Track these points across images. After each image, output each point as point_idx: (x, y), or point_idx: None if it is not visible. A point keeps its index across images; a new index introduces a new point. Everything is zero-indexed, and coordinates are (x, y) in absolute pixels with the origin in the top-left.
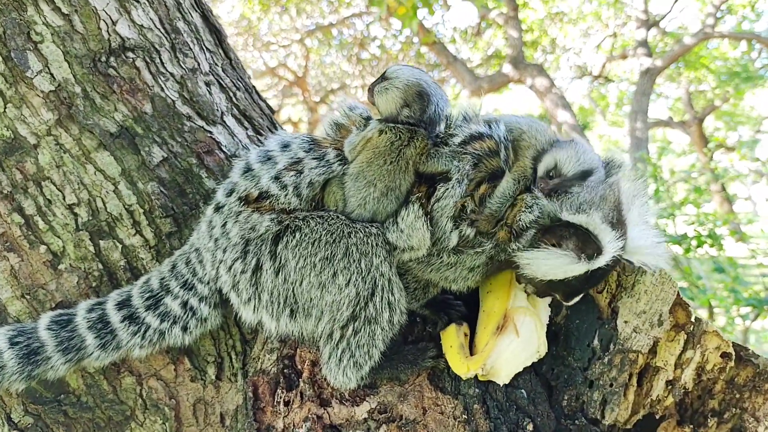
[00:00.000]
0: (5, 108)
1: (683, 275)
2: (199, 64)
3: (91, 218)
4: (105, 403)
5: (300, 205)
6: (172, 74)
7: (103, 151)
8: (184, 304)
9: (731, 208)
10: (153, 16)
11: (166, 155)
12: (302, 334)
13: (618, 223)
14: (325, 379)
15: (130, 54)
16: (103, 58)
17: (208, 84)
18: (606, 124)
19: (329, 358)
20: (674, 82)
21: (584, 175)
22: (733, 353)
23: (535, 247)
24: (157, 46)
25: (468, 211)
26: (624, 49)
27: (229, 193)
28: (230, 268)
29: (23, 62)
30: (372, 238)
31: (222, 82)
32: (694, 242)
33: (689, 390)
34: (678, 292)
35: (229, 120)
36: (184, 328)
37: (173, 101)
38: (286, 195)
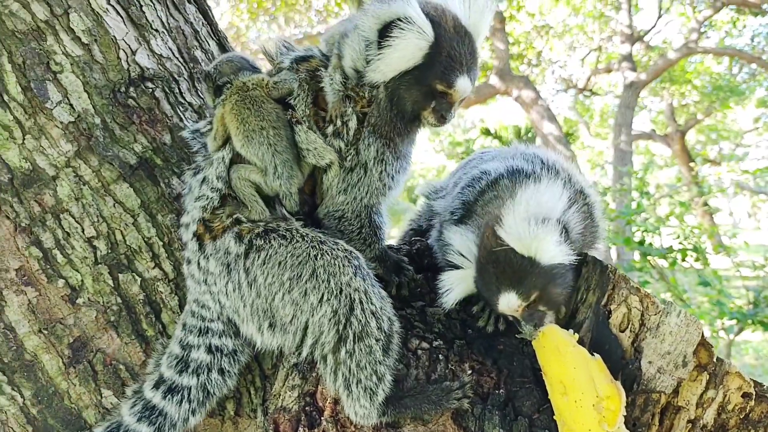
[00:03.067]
0: (24, 139)
1: (669, 288)
2: None
3: (110, 251)
4: None
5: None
6: (190, 104)
7: (123, 183)
8: (209, 349)
9: (712, 220)
10: (171, 45)
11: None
12: (283, 349)
13: None
14: (348, 418)
15: (149, 84)
16: (123, 89)
17: None
18: (590, 136)
19: (338, 391)
20: (658, 96)
21: None
22: (755, 393)
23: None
24: (176, 76)
25: (324, 116)
26: (609, 63)
27: (185, 245)
28: (227, 292)
29: (43, 93)
30: (339, 260)
31: None
32: (678, 255)
33: (709, 429)
34: (702, 333)
35: None
36: (221, 371)
37: None
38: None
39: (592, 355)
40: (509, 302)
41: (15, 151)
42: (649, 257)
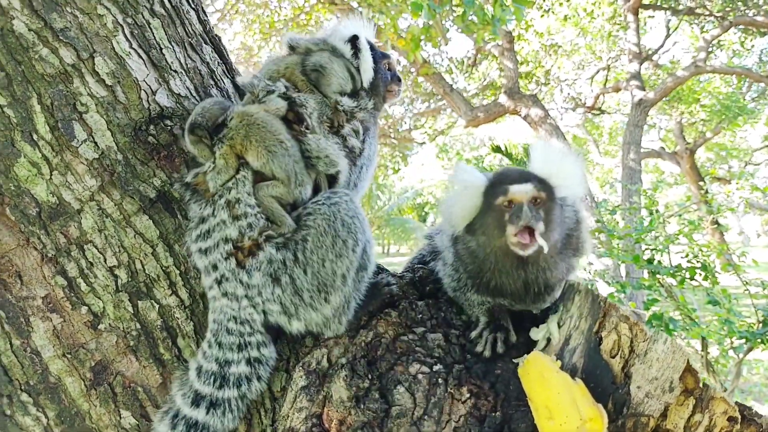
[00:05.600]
0: (51, 175)
1: (678, 306)
2: None
3: (130, 280)
4: None
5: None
6: None
7: (143, 215)
8: (248, 361)
9: (722, 238)
10: (189, 84)
11: None
12: (332, 312)
13: None
14: None
15: (168, 122)
16: (144, 127)
17: None
18: (599, 154)
19: (330, 323)
20: (666, 115)
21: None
22: (739, 417)
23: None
24: None
25: (348, 128)
26: (617, 82)
27: (209, 269)
28: (274, 299)
29: (69, 132)
30: (352, 204)
31: None
32: (687, 274)
33: None
34: (688, 360)
35: None
36: (259, 378)
37: None
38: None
39: (575, 380)
40: (524, 188)
41: (43, 186)
42: (658, 275)
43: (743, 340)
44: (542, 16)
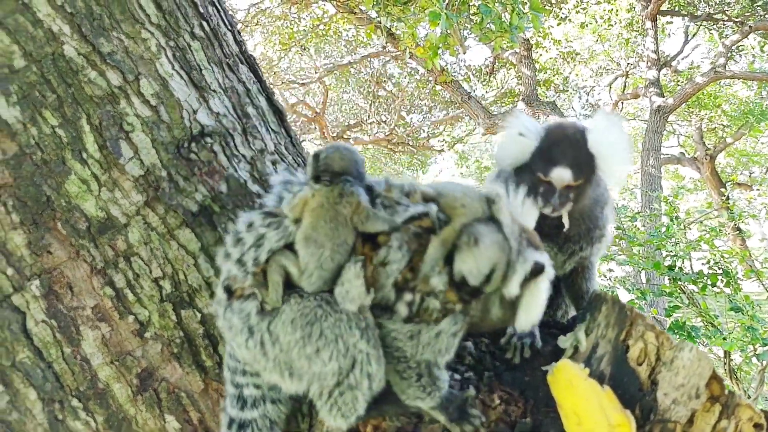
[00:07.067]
0: (100, 191)
1: (700, 313)
2: (265, 145)
3: (174, 290)
4: None
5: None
6: (243, 156)
7: (185, 229)
8: (256, 385)
9: (744, 244)
10: (227, 103)
11: None
12: (300, 393)
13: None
14: None
15: (208, 139)
16: (186, 144)
17: (273, 162)
18: None
19: (321, 410)
20: (686, 121)
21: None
22: (765, 424)
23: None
24: (231, 131)
25: (409, 281)
26: (636, 88)
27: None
28: (247, 347)
29: (117, 150)
30: (344, 323)
31: (285, 159)
32: (709, 280)
33: None
34: (713, 368)
35: None
36: (273, 401)
37: (245, 181)
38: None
39: (603, 387)
40: (563, 175)
41: (92, 202)
42: (679, 282)
43: (767, 347)
44: (559, 24)
